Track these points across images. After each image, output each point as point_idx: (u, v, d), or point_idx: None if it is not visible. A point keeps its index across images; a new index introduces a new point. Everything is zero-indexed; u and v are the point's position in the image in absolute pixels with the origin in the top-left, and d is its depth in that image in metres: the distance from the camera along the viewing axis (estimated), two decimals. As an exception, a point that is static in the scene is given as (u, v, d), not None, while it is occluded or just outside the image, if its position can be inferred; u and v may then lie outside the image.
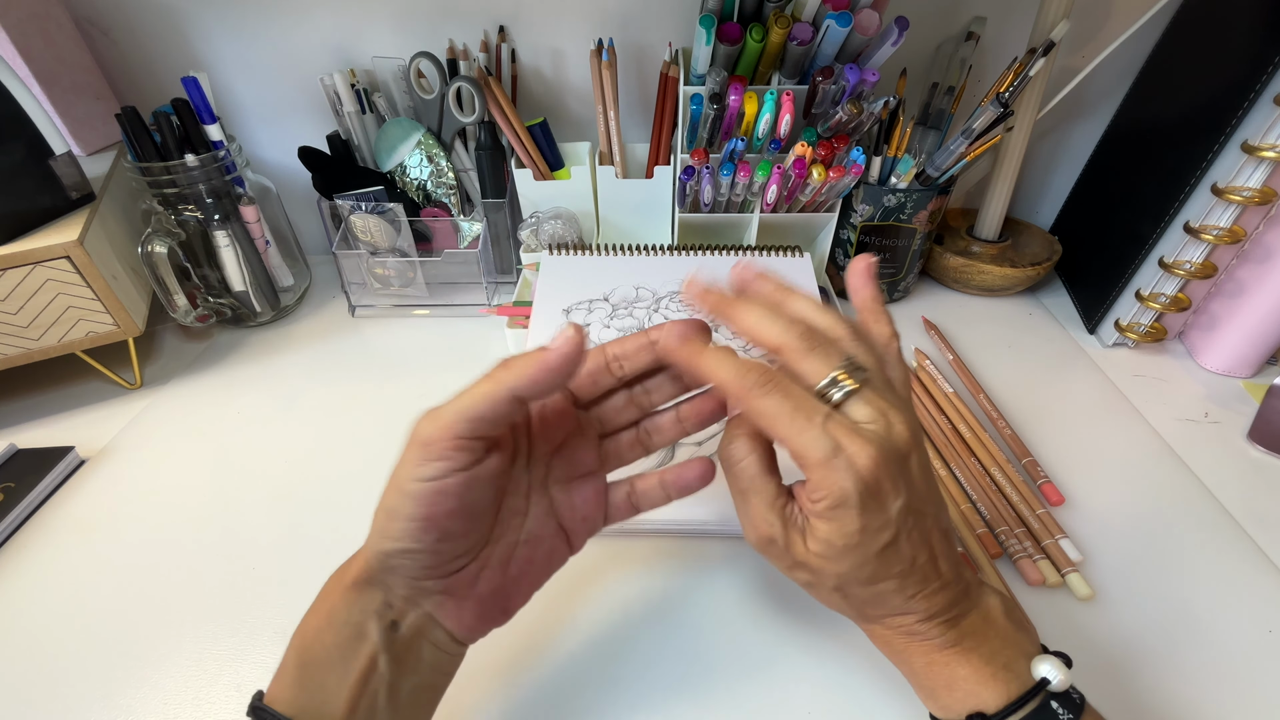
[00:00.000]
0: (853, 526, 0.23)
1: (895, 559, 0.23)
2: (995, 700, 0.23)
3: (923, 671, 0.25)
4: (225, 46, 0.57)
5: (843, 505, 0.22)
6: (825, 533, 0.23)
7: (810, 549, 0.24)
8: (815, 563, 0.24)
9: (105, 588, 0.36)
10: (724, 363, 0.24)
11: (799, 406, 0.22)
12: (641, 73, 0.59)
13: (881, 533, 0.23)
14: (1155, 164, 0.51)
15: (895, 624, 0.25)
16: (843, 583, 0.24)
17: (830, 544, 0.23)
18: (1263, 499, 0.40)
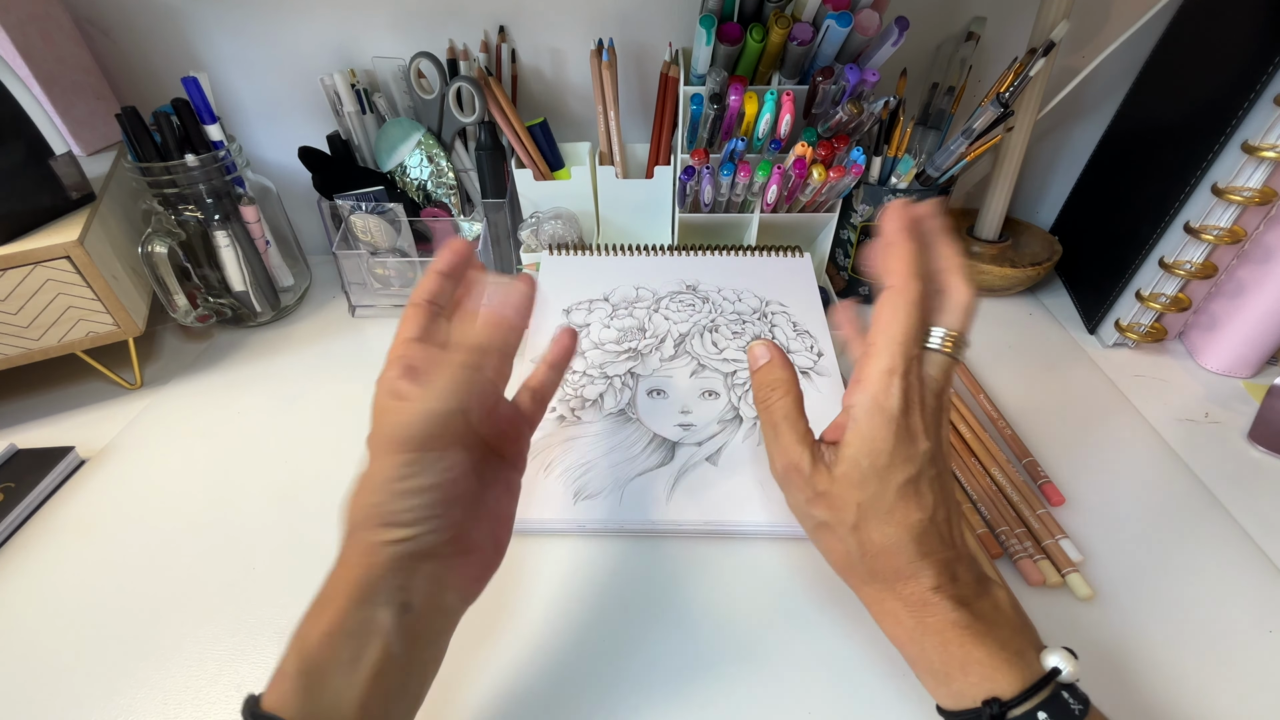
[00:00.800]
0: (884, 445, 0.25)
1: (916, 501, 0.25)
2: (1010, 686, 0.22)
3: (935, 652, 0.24)
4: (225, 46, 0.57)
5: (879, 414, 0.25)
6: (855, 450, 0.25)
7: (834, 474, 0.26)
8: (836, 490, 0.26)
9: (105, 588, 0.36)
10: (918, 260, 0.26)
11: (918, 336, 0.25)
12: (641, 73, 0.59)
13: (906, 465, 0.25)
14: (1155, 164, 0.51)
15: (907, 591, 0.25)
16: (861, 517, 0.25)
17: (856, 463, 0.25)
18: (1263, 499, 0.40)
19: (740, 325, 0.48)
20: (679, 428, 0.42)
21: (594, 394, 0.44)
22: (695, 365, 0.45)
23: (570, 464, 0.40)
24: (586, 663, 0.32)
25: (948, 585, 0.24)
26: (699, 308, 0.50)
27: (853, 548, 0.26)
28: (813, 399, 0.43)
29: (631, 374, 0.45)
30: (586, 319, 0.49)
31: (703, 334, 0.48)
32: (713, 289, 0.51)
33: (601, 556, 0.37)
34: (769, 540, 0.37)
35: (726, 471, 0.39)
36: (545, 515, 0.37)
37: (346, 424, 0.47)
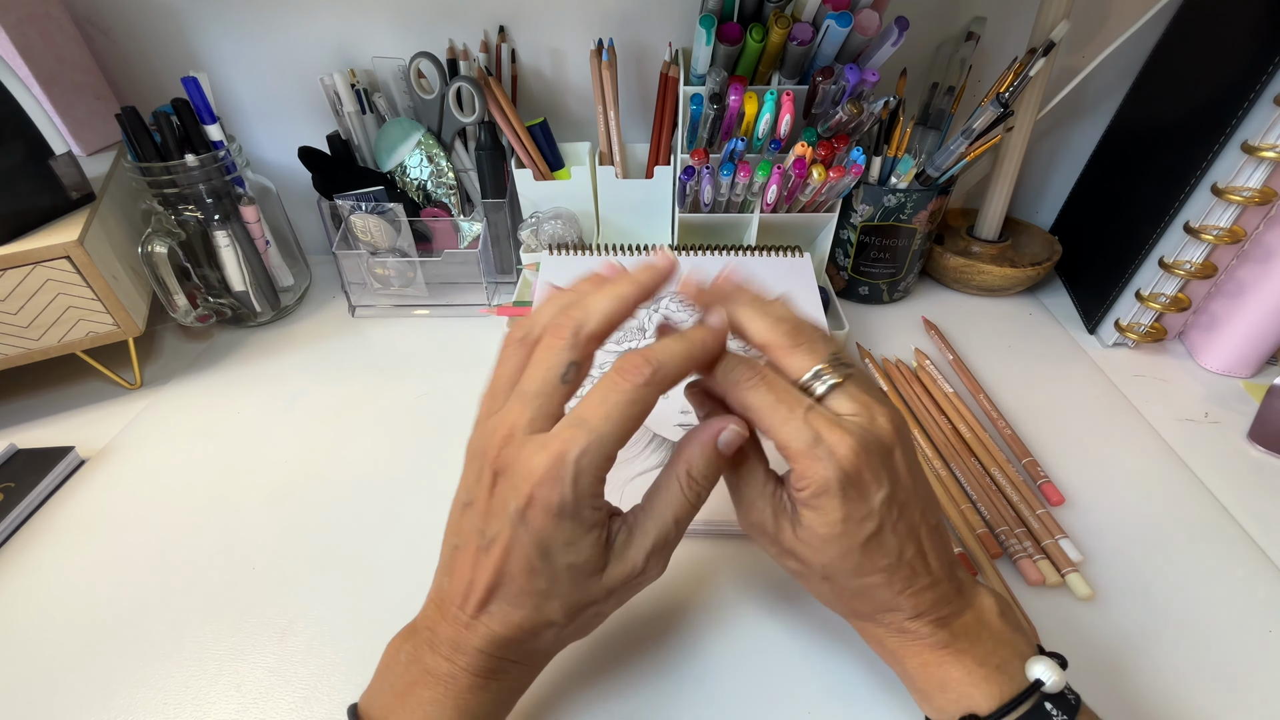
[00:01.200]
0: (835, 516, 0.23)
1: (880, 551, 0.24)
2: (988, 702, 0.23)
3: (916, 673, 0.25)
4: (225, 46, 0.57)
5: (825, 494, 0.23)
6: (810, 521, 0.24)
7: (798, 536, 0.24)
8: (801, 550, 0.25)
9: (105, 588, 0.36)
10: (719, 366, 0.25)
11: (781, 399, 0.23)
12: (641, 73, 0.59)
13: (865, 523, 0.23)
14: (1155, 164, 0.51)
15: (886, 621, 0.25)
16: (829, 573, 0.25)
17: (814, 532, 0.24)
18: (1263, 499, 0.40)
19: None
20: (679, 427, 0.42)
21: (594, 394, 0.44)
22: (695, 365, 0.45)
23: (570, 464, 0.39)
24: (585, 662, 0.32)
25: (927, 611, 0.24)
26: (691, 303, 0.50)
27: (826, 593, 0.26)
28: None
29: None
30: (586, 319, 0.49)
31: (703, 334, 0.48)
32: (713, 289, 0.51)
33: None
34: (769, 540, 0.37)
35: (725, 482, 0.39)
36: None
37: (346, 424, 0.47)
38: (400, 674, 0.24)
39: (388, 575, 0.36)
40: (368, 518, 0.40)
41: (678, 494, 0.25)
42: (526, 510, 0.22)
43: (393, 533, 0.38)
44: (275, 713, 0.30)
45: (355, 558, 0.37)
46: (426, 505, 0.40)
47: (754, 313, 0.25)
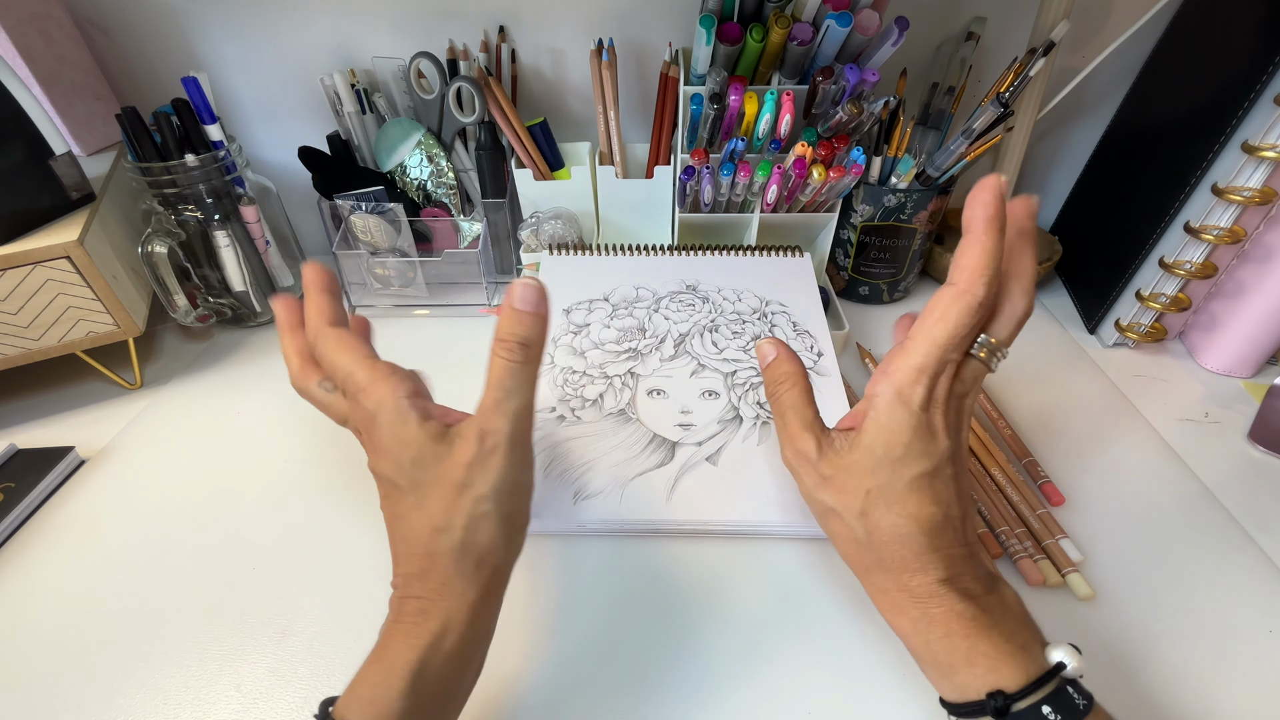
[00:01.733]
0: (902, 435, 0.25)
1: (929, 495, 0.25)
2: (1015, 679, 0.22)
3: (939, 644, 0.24)
4: (225, 46, 0.57)
5: (904, 406, 0.25)
6: (871, 439, 0.25)
7: (846, 460, 0.26)
8: (844, 476, 0.26)
9: (105, 588, 0.36)
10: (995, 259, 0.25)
11: (964, 339, 0.25)
12: (641, 73, 0.59)
13: (922, 459, 0.25)
14: (1155, 164, 0.51)
15: (913, 583, 0.25)
16: (869, 504, 0.25)
17: (871, 452, 0.25)
18: (1263, 499, 0.40)
19: (740, 325, 0.48)
20: (679, 428, 0.42)
21: (594, 394, 0.44)
22: (695, 365, 0.45)
23: (570, 464, 0.40)
24: (586, 662, 0.32)
25: (956, 579, 0.24)
26: (699, 308, 0.50)
27: (860, 534, 0.26)
28: (813, 399, 0.43)
29: (631, 374, 0.45)
30: (586, 319, 0.49)
31: (703, 334, 0.48)
32: (713, 289, 0.51)
33: (601, 556, 0.37)
34: (769, 540, 0.37)
35: (726, 471, 0.39)
36: (545, 515, 0.37)
37: (346, 424, 0.47)
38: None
39: (388, 575, 0.36)
40: (368, 518, 0.40)
41: (492, 361, 0.26)
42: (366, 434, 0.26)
43: (393, 533, 0.38)
44: (275, 713, 0.30)
45: (355, 557, 0.37)
46: (426, 505, 0.40)
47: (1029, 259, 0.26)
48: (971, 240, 0.24)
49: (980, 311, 0.24)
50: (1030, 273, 0.26)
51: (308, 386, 0.29)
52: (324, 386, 0.29)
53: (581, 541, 0.38)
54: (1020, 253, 0.26)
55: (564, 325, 0.48)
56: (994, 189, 0.24)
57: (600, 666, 0.32)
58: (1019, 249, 0.26)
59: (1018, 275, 0.26)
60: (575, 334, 0.48)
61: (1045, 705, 0.22)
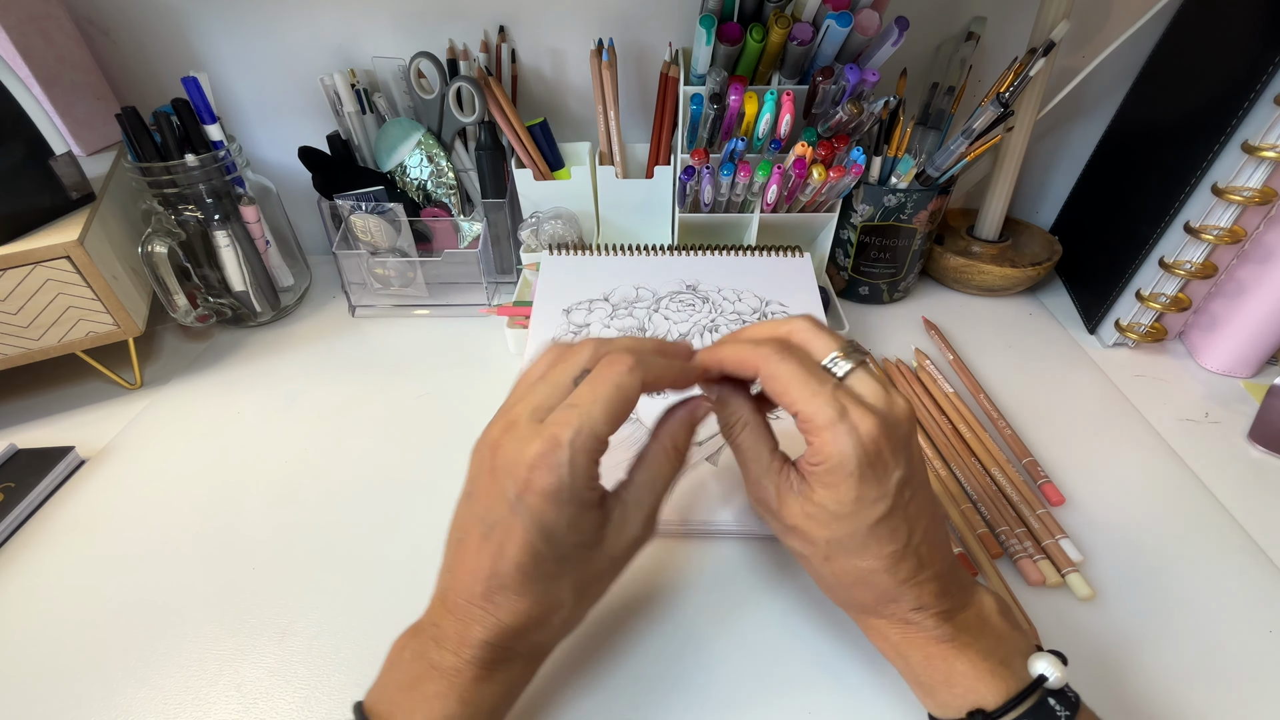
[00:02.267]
0: (849, 494, 0.23)
1: (889, 535, 0.24)
2: (994, 697, 0.23)
3: (920, 667, 0.25)
4: (225, 46, 0.57)
5: (842, 469, 0.23)
6: (822, 497, 0.24)
7: (805, 512, 0.25)
8: (807, 526, 0.25)
9: (105, 588, 0.36)
10: (738, 346, 0.26)
11: (811, 373, 0.24)
12: (641, 73, 0.59)
13: (878, 504, 0.23)
14: (1155, 164, 0.51)
15: (888, 612, 0.25)
16: (833, 552, 0.25)
17: (824, 508, 0.24)
18: (1263, 499, 0.40)
19: (740, 325, 0.48)
20: (679, 428, 0.42)
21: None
22: (695, 365, 0.45)
23: (570, 464, 0.39)
24: (585, 662, 0.32)
25: (930, 603, 0.24)
26: (699, 308, 0.50)
27: (828, 578, 0.26)
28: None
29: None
30: (586, 319, 0.49)
31: (703, 334, 0.48)
32: (713, 289, 0.51)
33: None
34: (768, 541, 0.37)
35: (726, 471, 0.39)
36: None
37: (346, 424, 0.47)
38: (406, 670, 0.25)
39: (388, 575, 0.36)
40: (368, 517, 0.40)
41: (664, 463, 0.27)
42: (524, 494, 0.22)
43: (393, 532, 0.38)
44: (275, 713, 0.30)
45: (355, 558, 0.37)
46: (427, 505, 0.40)
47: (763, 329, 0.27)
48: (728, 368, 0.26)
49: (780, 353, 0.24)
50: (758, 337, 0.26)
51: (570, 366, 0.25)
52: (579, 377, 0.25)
53: (581, 541, 0.38)
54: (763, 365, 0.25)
55: (564, 325, 0.48)
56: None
57: (599, 667, 0.32)
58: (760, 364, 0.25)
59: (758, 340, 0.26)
60: (575, 334, 0.48)
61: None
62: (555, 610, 0.25)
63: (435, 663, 0.24)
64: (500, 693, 0.25)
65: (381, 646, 0.26)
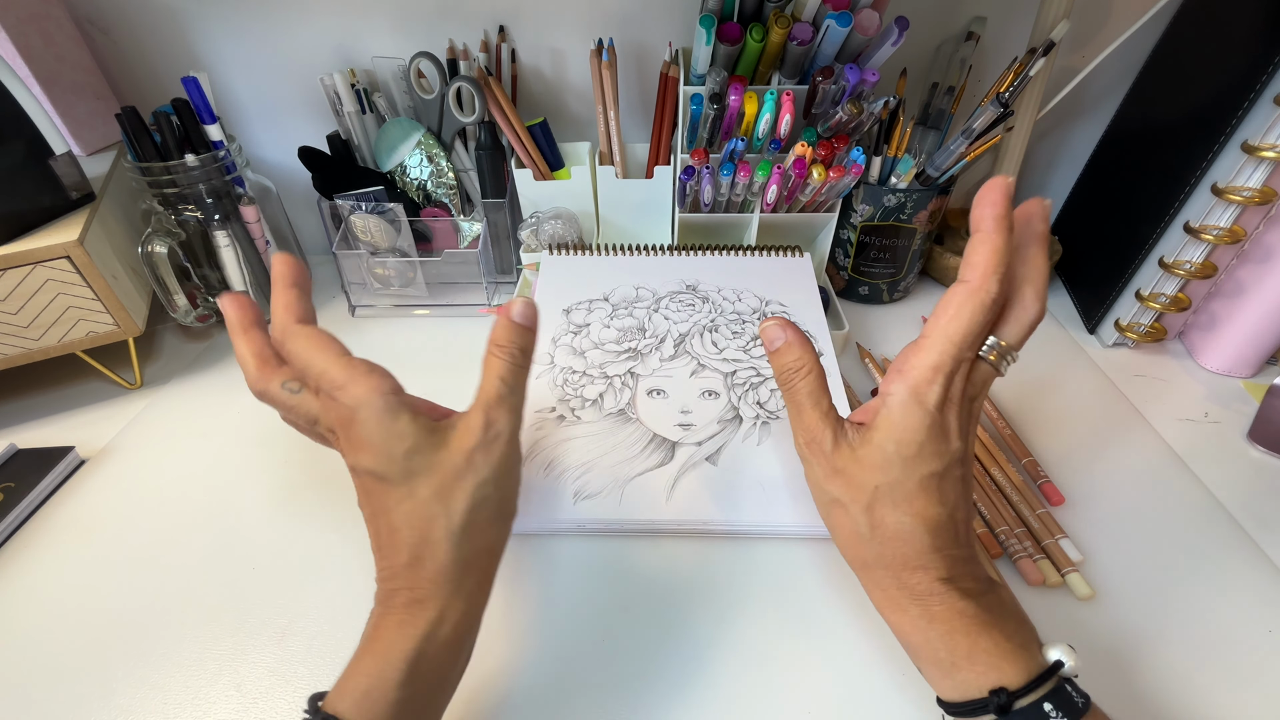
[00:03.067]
0: (914, 434, 0.25)
1: (937, 495, 0.25)
2: (1017, 677, 0.22)
3: (940, 642, 0.24)
4: (225, 46, 0.57)
5: (917, 407, 0.25)
6: (883, 438, 0.25)
7: (857, 454, 0.26)
8: (855, 469, 0.26)
9: (105, 588, 0.36)
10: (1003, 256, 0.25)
11: (977, 338, 0.25)
12: (641, 73, 0.59)
13: (934, 459, 0.25)
14: (1155, 164, 0.51)
15: (913, 580, 0.25)
16: (875, 499, 0.25)
17: (882, 447, 0.25)
18: (1263, 499, 0.40)
19: (740, 325, 0.48)
20: (679, 428, 0.42)
21: (594, 394, 0.44)
22: (695, 365, 0.45)
23: (570, 464, 0.40)
24: (585, 662, 0.32)
25: (957, 578, 0.25)
26: (699, 308, 0.50)
27: (863, 528, 0.26)
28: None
29: (631, 374, 0.45)
30: (586, 319, 0.49)
31: (703, 334, 0.48)
32: (713, 289, 0.51)
33: (601, 556, 0.37)
34: (768, 540, 0.37)
35: (726, 471, 0.39)
36: (545, 515, 0.37)
37: (346, 424, 0.47)
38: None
39: (388, 575, 0.36)
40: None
41: (492, 361, 0.27)
42: (343, 440, 0.26)
43: (393, 533, 0.38)
44: (275, 713, 0.30)
45: (355, 558, 0.37)
46: (426, 505, 0.40)
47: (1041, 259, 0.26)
48: (982, 238, 0.24)
49: (993, 309, 0.24)
50: (1043, 275, 0.25)
51: (268, 389, 0.28)
52: (289, 388, 0.28)
53: (582, 541, 0.38)
54: (1033, 254, 0.25)
55: (564, 325, 0.48)
56: (1002, 189, 0.24)
57: (600, 666, 0.32)
58: (1032, 251, 0.25)
59: (1030, 278, 0.25)
60: (575, 334, 0.48)
61: (1047, 702, 0.22)
62: (429, 522, 0.25)
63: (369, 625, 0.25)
64: (412, 643, 0.23)
65: (381, 646, 0.26)
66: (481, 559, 0.26)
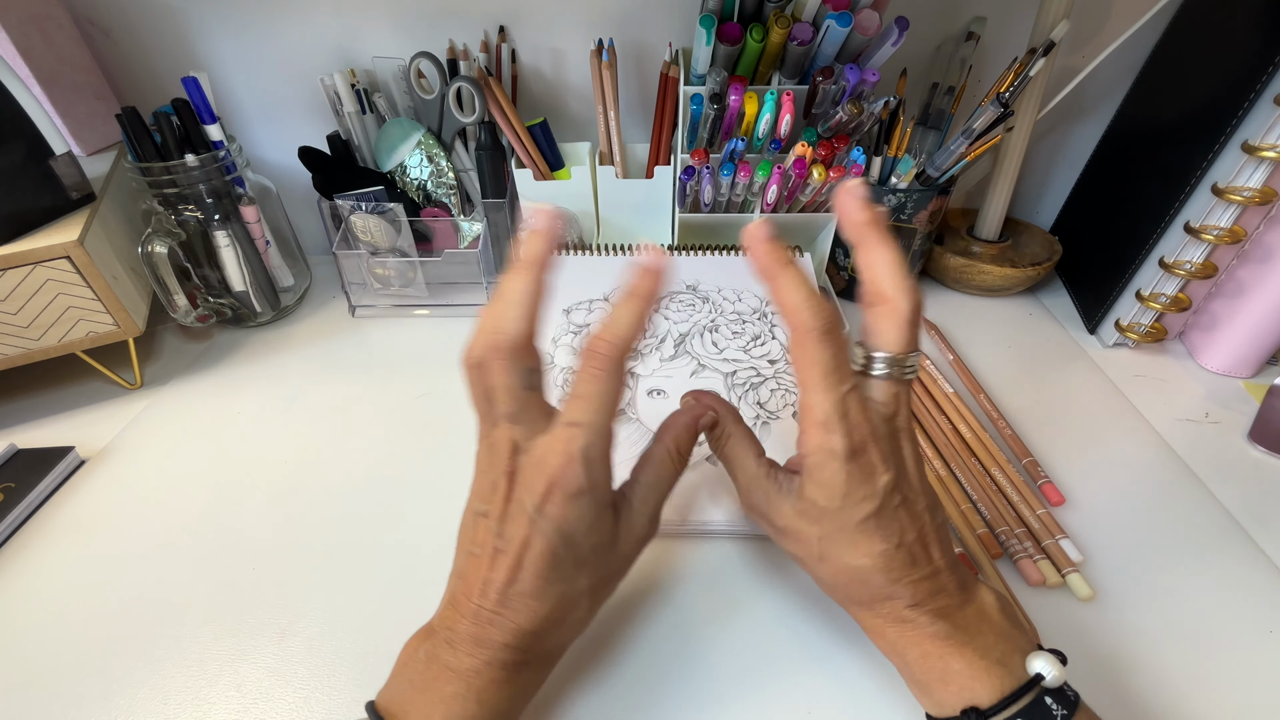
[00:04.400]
0: (838, 488, 0.24)
1: (879, 534, 0.24)
2: (989, 695, 0.23)
3: (916, 664, 0.25)
4: (225, 46, 0.57)
5: (830, 464, 0.24)
6: (812, 492, 0.25)
7: (796, 510, 0.26)
8: (798, 526, 0.26)
9: (105, 588, 0.36)
10: (803, 286, 0.24)
11: (838, 369, 0.24)
12: (641, 73, 0.59)
13: (864, 503, 0.24)
14: (1155, 164, 0.51)
15: (884, 610, 0.25)
16: (825, 550, 0.25)
17: (814, 504, 0.25)
18: (1263, 499, 0.40)
19: (740, 325, 0.48)
20: (679, 428, 0.41)
21: (594, 394, 0.44)
22: (695, 365, 0.45)
23: (570, 464, 0.39)
24: (584, 663, 0.32)
25: (926, 600, 0.25)
26: (699, 308, 0.50)
27: (824, 577, 0.27)
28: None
29: (631, 374, 0.45)
30: (586, 319, 0.49)
31: (703, 334, 0.48)
32: (713, 289, 0.51)
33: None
34: (767, 540, 0.37)
35: (726, 471, 0.39)
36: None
37: (346, 424, 0.47)
38: (420, 671, 0.25)
39: (388, 575, 0.36)
40: (368, 518, 0.40)
41: (668, 465, 0.28)
42: (545, 504, 0.23)
43: (393, 532, 0.38)
44: (275, 713, 0.30)
45: (355, 557, 0.37)
46: (427, 505, 0.40)
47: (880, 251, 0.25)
48: (772, 285, 0.24)
49: (828, 337, 0.23)
50: (889, 264, 0.24)
51: (518, 363, 0.24)
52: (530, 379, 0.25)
53: (581, 541, 0.38)
54: (869, 248, 0.24)
55: (564, 325, 0.48)
56: (757, 235, 0.24)
57: (599, 667, 0.32)
58: (867, 245, 0.24)
59: (881, 275, 0.24)
60: (575, 334, 0.48)
61: (1020, 719, 0.22)
62: (572, 611, 0.25)
63: (451, 664, 0.24)
64: (517, 694, 0.25)
65: (382, 646, 0.26)
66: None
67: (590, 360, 0.24)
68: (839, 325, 0.24)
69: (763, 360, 0.45)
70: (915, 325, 0.24)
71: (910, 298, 0.24)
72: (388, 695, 0.25)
